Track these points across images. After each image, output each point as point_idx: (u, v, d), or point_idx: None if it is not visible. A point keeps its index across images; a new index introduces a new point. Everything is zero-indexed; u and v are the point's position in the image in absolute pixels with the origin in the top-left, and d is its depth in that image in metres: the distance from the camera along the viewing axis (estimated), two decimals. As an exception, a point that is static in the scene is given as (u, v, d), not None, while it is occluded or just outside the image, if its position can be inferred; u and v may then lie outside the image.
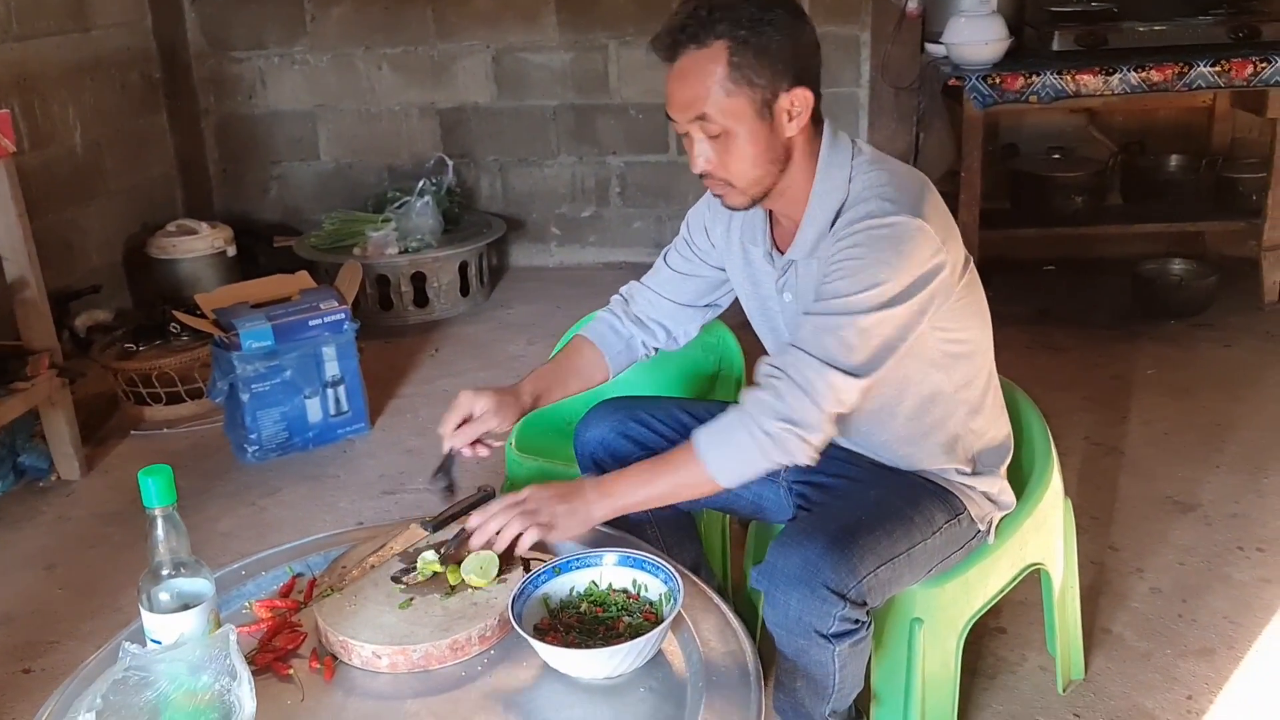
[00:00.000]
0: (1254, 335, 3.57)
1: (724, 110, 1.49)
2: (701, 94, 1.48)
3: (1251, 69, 3.44)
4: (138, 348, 3.38)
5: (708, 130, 1.51)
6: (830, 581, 1.46)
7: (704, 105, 1.49)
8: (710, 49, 1.47)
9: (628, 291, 1.89)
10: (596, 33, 4.43)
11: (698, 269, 1.82)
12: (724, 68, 1.47)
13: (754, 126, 1.50)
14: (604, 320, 1.87)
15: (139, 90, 4.42)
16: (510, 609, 1.43)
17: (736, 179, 1.55)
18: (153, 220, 4.33)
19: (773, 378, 1.49)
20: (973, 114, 3.56)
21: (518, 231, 4.71)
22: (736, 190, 1.56)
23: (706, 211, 1.78)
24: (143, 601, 1.31)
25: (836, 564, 1.47)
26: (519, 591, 1.46)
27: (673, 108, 1.53)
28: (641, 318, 1.86)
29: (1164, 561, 2.40)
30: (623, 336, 1.85)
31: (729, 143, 1.51)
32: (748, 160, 1.52)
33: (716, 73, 1.47)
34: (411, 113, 4.63)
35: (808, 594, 1.46)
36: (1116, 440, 2.94)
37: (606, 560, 1.52)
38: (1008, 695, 2.03)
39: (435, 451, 3.04)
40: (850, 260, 1.48)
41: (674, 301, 1.85)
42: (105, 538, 2.76)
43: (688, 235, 1.82)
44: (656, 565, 1.50)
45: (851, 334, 1.46)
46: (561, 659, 1.38)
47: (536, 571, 1.51)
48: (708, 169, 1.54)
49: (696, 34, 1.48)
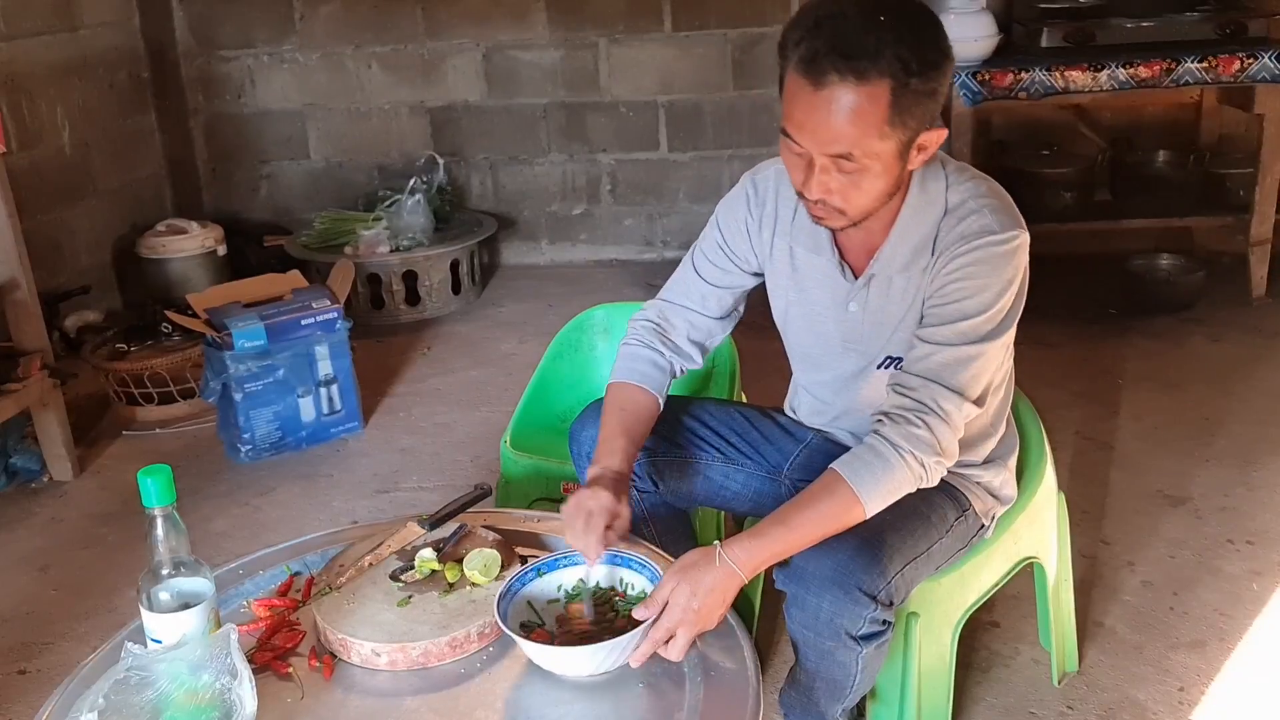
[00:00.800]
0: (1242, 329, 3.59)
1: (871, 153, 1.39)
2: (853, 135, 1.36)
3: (1238, 65, 3.46)
4: (129, 348, 3.37)
5: (842, 167, 1.41)
6: (863, 584, 1.45)
7: (852, 146, 1.38)
8: (872, 87, 1.34)
9: (659, 315, 1.75)
10: (586, 30, 4.43)
11: (736, 279, 1.72)
12: (884, 111, 1.35)
13: (891, 165, 1.42)
14: (643, 358, 1.71)
15: (127, 90, 4.40)
16: (496, 607, 1.42)
17: (853, 208, 1.46)
18: (142, 220, 4.31)
19: (919, 413, 1.46)
20: (962, 111, 3.58)
21: (509, 230, 4.71)
22: (845, 218, 1.48)
23: (747, 215, 1.68)
24: (143, 601, 1.31)
25: (868, 565, 1.46)
26: (505, 590, 1.46)
27: (808, 137, 1.40)
28: (680, 344, 1.74)
29: (1155, 555, 2.42)
30: (665, 371, 1.72)
31: (860, 179, 1.41)
32: (873, 195, 1.45)
33: (875, 116, 1.35)
34: (402, 111, 4.62)
35: (841, 596, 1.45)
36: (1107, 435, 2.96)
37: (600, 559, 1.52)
38: (1002, 688, 2.04)
39: (430, 451, 3.09)
40: (972, 280, 1.47)
41: (713, 317, 1.74)
42: (99, 538, 2.75)
43: (723, 242, 1.70)
44: (642, 563, 1.50)
45: (981, 364, 1.48)
46: (546, 656, 1.38)
47: (520, 571, 1.50)
48: (824, 197, 1.45)
49: (860, 67, 1.33)
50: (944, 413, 1.46)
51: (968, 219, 1.50)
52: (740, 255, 1.71)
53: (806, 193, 1.46)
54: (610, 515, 1.50)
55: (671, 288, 1.77)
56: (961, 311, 1.48)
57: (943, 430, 1.46)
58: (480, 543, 1.64)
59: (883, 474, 1.45)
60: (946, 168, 1.55)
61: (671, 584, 1.40)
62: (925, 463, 1.46)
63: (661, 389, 1.71)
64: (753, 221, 1.69)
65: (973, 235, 1.49)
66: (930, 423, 1.46)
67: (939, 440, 1.46)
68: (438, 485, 2.90)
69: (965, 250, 1.49)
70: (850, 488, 1.44)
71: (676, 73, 4.44)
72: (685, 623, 1.38)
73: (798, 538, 1.46)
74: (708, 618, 1.40)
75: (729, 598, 1.43)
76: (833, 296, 1.64)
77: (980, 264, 1.48)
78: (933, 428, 1.45)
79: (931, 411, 1.46)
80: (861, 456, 1.46)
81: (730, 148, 4.50)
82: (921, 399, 1.47)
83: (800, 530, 1.45)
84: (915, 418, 1.46)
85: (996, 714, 1.98)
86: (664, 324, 1.75)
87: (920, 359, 1.50)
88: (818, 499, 1.46)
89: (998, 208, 1.51)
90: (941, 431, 1.46)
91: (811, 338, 1.71)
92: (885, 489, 1.45)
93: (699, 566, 1.41)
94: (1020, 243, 1.51)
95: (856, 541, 1.47)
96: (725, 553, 1.42)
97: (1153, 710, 1.96)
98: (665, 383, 1.72)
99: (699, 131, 4.50)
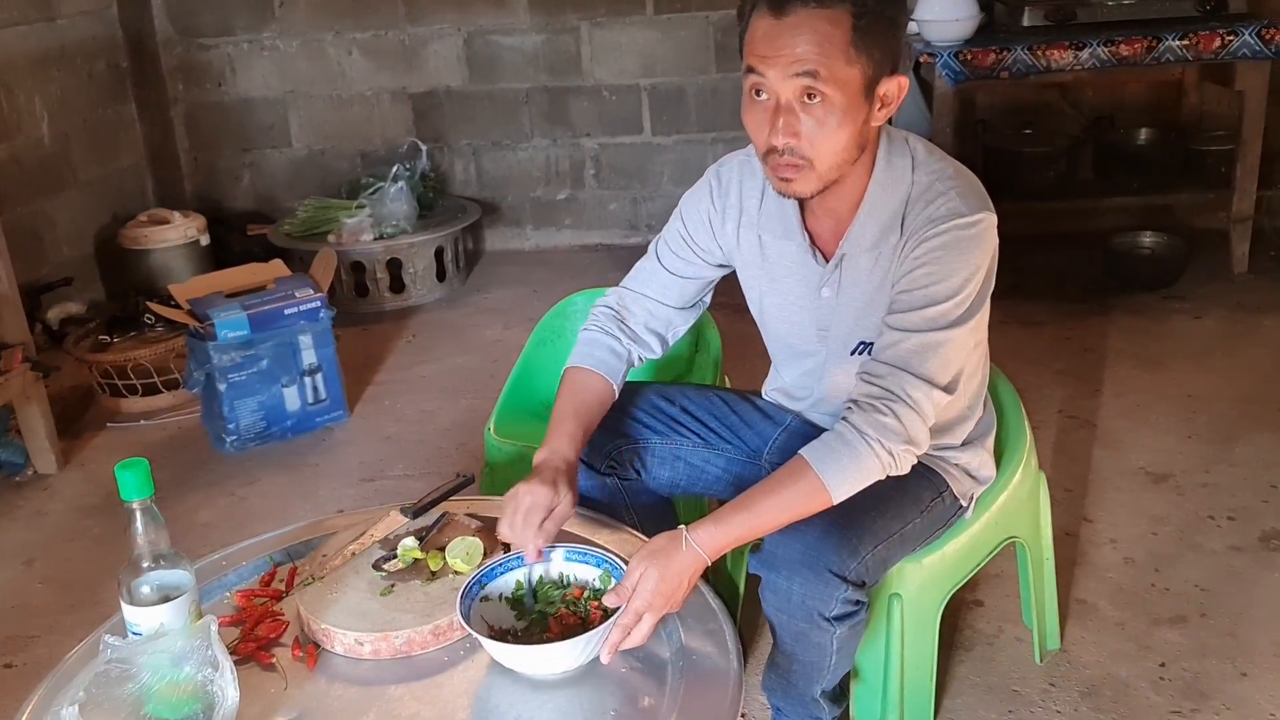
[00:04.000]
0: (1224, 306, 3.61)
1: (837, 77, 1.39)
2: (820, 52, 1.38)
3: (1219, 42, 3.46)
4: (112, 339, 3.36)
5: (808, 92, 1.40)
6: (833, 565, 1.47)
7: (819, 64, 1.38)
8: (832, 11, 1.38)
9: (619, 303, 1.75)
10: (568, 14, 4.41)
11: (699, 270, 1.72)
12: (847, 33, 1.38)
13: (856, 104, 1.42)
14: (601, 344, 1.71)
15: (106, 79, 4.37)
16: (459, 606, 1.41)
17: (820, 158, 1.44)
18: (123, 211, 4.30)
19: (887, 401, 1.46)
20: (945, 90, 3.57)
21: (493, 215, 4.70)
22: (814, 173, 1.46)
23: (710, 206, 1.68)
24: (123, 595, 1.31)
25: (838, 546, 1.48)
26: (466, 589, 1.44)
27: (775, 61, 1.40)
28: (639, 331, 1.73)
29: (1137, 532, 2.43)
30: (623, 358, 1.71)
31: (826, 114, 1.41)
32: (840, 140, 1.43)
33: (838, 37, 1.38)
34: (383, 97, 4.60)
35: (811, 577, 1.47)
36: (1090, 413, 2.98)
37: (554, 556, 1.51)
38: (985, 667, 2.06)
39: (415, 439, 3.09)
40: (940, 265, 1.47)
41: (673, 307, 1.74)
42: (84, 531, 2.75)
43: (686, 234, 1.71)
44: (600, 558, 1.49)
45: (949, 350, 1.48)
46: (512, 656, 1.37)
47: (481, 569, 1.49)
48: (791, 142, 1.43)
49: None
50: (912, 401, 1.46)
51: (935, 201, 1.50)
52: (703, 247, 1.71)
53: (774, 139, 1.44)
54: (546, 510, 1.49)
55: (634, 276, 1.77)
56: (929, 297, 1.48)
57: (911, 418, 1.46)
58: (463, 530, 1.64)
59: (850, 462, 1.45)
60: (913, 144, 1.55)
61: (640, 568, 1.41)
62: (894, 451, 1.46)
63: (617, 376, 1.70)
64: (716, 214, 1.68)
65: (940, 219, 1.49)
66: (898, 411, 1.46)
67: (907, 429, 1.46)
68: (423, 473, 2.90)
69: (933, 234, 1.48)
70: (817, 475, 1.45)
71: (659, 56, 4.43)
72: (653, 607, 1.39)
73: (762, 523, 1.47)
74: (674, 600, 1.42)
75: (694, 580, 1.44)
76: (805, 283, 1.64)
77: (948, 248, 1.48)
78: (901, 416, 1.46)
79: (900, 400, 1.46)
80: (829, 444, 1.47)
81: (714, 130, 4.49)
82: (890, 387, 1.47)
83: (765, 516, 1.46)
84: (884, 406, 1.46)
85: (979, 692, 1.99)
86: (623, 312, 1.75)
87: (888, 346, 1.50)
88: (784, 485, 1.47)
89: (965, 190, 1.51)
90: (910, 420, 1.46)
91: (787, 326, 1.71)
92: (852, 477, 1.46)
93: (666, 551, 1.42)
94: (988, 225, 1.51)
95: (826, 523, 1.48)
96: (691, 536, 1.43)
97: (1134, 686, 1.98)
98: (622, 370, 1.71)
99: (682, 114, 4.49)
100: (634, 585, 1.40)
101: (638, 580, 1.40)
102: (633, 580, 1.40)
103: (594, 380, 1.68)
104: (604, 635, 1.37)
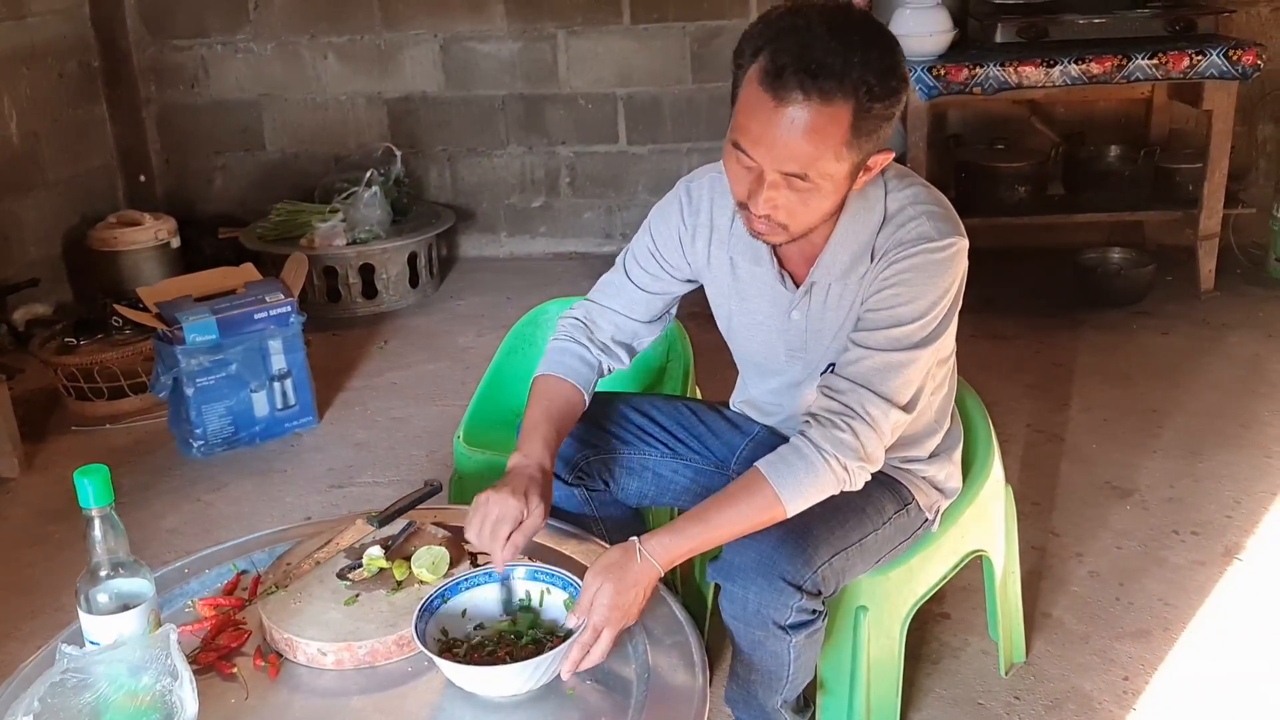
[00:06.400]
0: (1191, 322, 3.65)
1: (824, 174, 1.37)
2: (810, 155, 1.35)
3: (1188, 61, 3.51)
4: (78, 342, 3.33)
5: (794, 185, 1.39)
6: (786, 573, 1.48)
7: (808, 166, 1.36)
8: (834, 109, 1.32)
9: (586, 316, 1.74)
10: (545, 22, 4.41)
11: (667, 285, 1.71)
12: (844, 133, 1.34)
13: (840, 186, 1.41)
14: (571, 352, 1.70)
15: (77, 79, 4.33)
16: (415, 622, 1.39)
17: (796, 225, 1.45)
18: (93, 212, 4.25)
19: (846, 417, 1.46)
20: (918, 105, 3.60)
21: (467, 222, 4.69)
22: (787, 234, 1.46)
23: (680, 223, 1.66)
24: (81, 604, 1.29)
25: (792, 555, 1.49)
26: (425, 605, 1.43)
27: (763, 153, 1.37)
28: (607, 343, 1.72)
29: (1102, 546, 2.45)
30: (594, 367, 1.70)
31: (809, 197, 1.40)
32: (819, 214, 1.44)
33: (834, 137, 1.34)
34: (358, 102, 4.58)
35: (765, 586, 1.48)
36: (1058, 427, 3.00)
37: (516, 574, 1.50)
38: (951, 679, 2.06)
39: (385, 446, 3.07)
40: (908, 287, 1.47)
41: (640, 320, 1.73)
42: (46, 536, 2.71)
43: (654, 249, 1.69)
44: (564, 579, 1.48)
45: (912, 370, 1.49)
46: (462, 675, 1.36)
47: (445, 585, 1.48)
48: (769, 212, 1.42)
49: (826, 88, 1.31)
50: (870, 418, 1.47)
51: (906, 225, 1.50)
52: (672, 263, 1.70)
53: (753, 207, 1.43)
54: (514, 522, 1.47)
55: (601, 289, 1.76)
56: (895, 318, 1.48)
57: (868, 436, 1.47)
58: (429, 540, 1.63)
59: (805, 476, 1.45)
60: (885, 174, 1.54)
61: (596, 583, 1.40)
62: (849, 467, 1.46)
63: (588, 384, 1.69)
64: (685, 231, 1.67)
65: (910, 242, 1.49)
66: (856, 428, 1.46)
67: (864, 446, 1.47)
68: (392, 480, 2.89)
69: (903, 257, 1.49)
70: (772, 488, 1.45)
71: (635, 65, 4.43)
72: (610, 621, 1.38)
73: (715, 535, 1.48)
74: (631, 614, 1.42)
75: (649, 591, 1.44)
76: (774, 305, 1.64)
77: (917, 270, 1.48)
78: (858, 433, 1.46)
79: (858, 416, 1.47)
80: (786, 458, 1.47)
81: (689, 140, 4.50)
82: (849, 403, 1.47)
83: (720, 528, 1.47)
84: (842, 422, 1.46)
85: (945, 705, 2.00)
86: (590, 324, 1.73)
87: (851, 363, 1.50)
88: (738, 497, 1.47)
89: (936, 214, 1.51)
90: (867, 437, 1.47)
91: (756, 345, 1.71)
92: (807, 491, 1.46)
93: (620, 564, 1.42)
94: (958, 249, 1.51)
95: (782, 532, 1.49)
96: (644, 547, 1.43)
97: (1098, 699, 1.99)
98: (592, 379, 1.70)
99: (658, 124, 4.50)
100: (590, 601, 1.39)
101: (593, 595, 1.39)
102: (589, 596, 1.40)
103: (565, 387, 1.67)
104: (559, 657, 1.36)
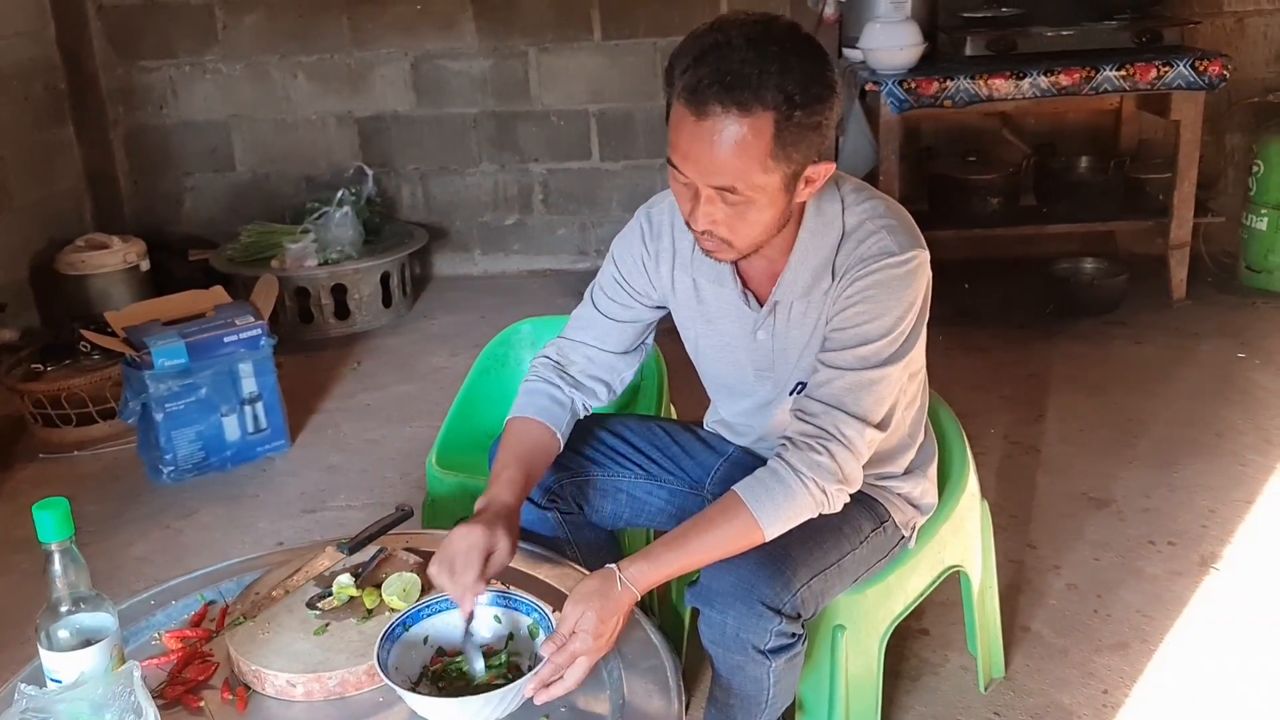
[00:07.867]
0: (1164, 331, 3.66)
1: (754, 186, 1.37)
2: (736, 167, 1.35)
3: (1155, 73, 3.54)
4: (45, 368, 3.28)
5: (727, 198, 1.39)
6: (766, 597, 1.46)
7: (735, 179, 1.36)
8: (755, 119, 1.32)
9: (559, 353, 1.71)
10: (515, 40, 4.40)
11: (637, 313, 1.70)
12: (768, 144, 1.34)
13: (777, 199, 1.40)
14: (541, 392, 1.67)
15: (43, 102, 4.28)
16: (377, 650, 1.36)
17: (739, 240, 1.44)
18: (60, 235, 4.19)
19: (822, 440, 1.45)
20: (889, 118, 3.61)
21: (440, 241, 4.66)
22: (735, 250, 1.47)
23: (643, 250, 1.66)
24: (41, 640, 1.26)
25: (771, 579, 1.47)
26: (388, 632, 1.40)
27: (691, 167, 1.38)
28: (580, 379, 1.69)
29: (1080, 557, 2.45)
30: (565, 406, 1.67)
31: (746, 211, 1.40)
32: (759, 227, 1.43)
33: (758, 148, 1.34)
34: (329, 121, 4.56)
35: (744, 610, 1.46)
36: (1034, 438, 3.00)
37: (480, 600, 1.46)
38: (930, 696, 2.05)
39: (358, 469, 3.04)
40: (872, 304, 1.47)
41: (614, 352, 1.71)
42: (12, 566, 2.66)
43: (620, 278, 1.68)
44: (530, 606, 1.46)
45: (883, 387, 1.48)
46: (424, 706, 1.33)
47: (407, 612, 1.45)
48: (710, 227, 1.43)
49: (743, 99, 1.31)
50: (846, 439, 1.46)
51: (866, 241, 1.50)
52: (639, 290, 1.69)
53: (693, 223, 1.45)
54: (484, 553, 1.44)
55: (572, 325, 1.74)
56: (862, 336, 1.48)
57: (845, 457, 1.46)
58: (400, 566, 1.61)
59: (783, 499, 1.44)
60: (842, 189, 1.53)
61: (578, 611, 1.38)
62: (827, 490, 1.46)
63: (560, 424, 1.66)
64: (649, 257, 1.66)
65: (871, 258, 1.49)
66: (833, 449, 1.46)
67: (841, 467, 1.46)
68: (366, 504, 2.86)
69: (865, 274, 1.48)
70: (750, 512, 1.44)
71: (607, 81, 4.43)
72: (591, 650, 1.36)
73: (694, 560, 1.46)
74: (611, 642, 1.40)
75: (626, 617, 1.43)
76: (740, 326, 1.63)
77: (880, 287, 1.48)
78: (835, 454, 1.45)
79: (834, 438, 1.46)
80: (764, 481, 1.46)
81: (661, 156, 4.43)
82: (824, 425, 1.47)
83: (698, 553, 1.46)
84: (818, 444, 1.46)
85: (925, 722, 1.99)
86: (563, 361, 1.71)
87: (822, 384, 1.49)
88: (716, 522, 1.46)
89: (896, 228, 1.51)
90: (844, 458, 1.46)
91: (724, 367, 1.70)
92: (785, 515, 1.45)
93: (601, 591, 1.40)
94: (920, 262, 1.50)
95: (760, 556, 1.48)
96: (623, 574, 1.41)
97: (1078, 714, 1.98)
98: (565, 418, 1.67)
99: (630, 140, 4.50)
100: (573, 628, 1.37)
101: (576, 622, 1.37)
102: (571, 623, 1.37)
103: (534, 428, 1.64)
104: (521, 689, 1.33)
